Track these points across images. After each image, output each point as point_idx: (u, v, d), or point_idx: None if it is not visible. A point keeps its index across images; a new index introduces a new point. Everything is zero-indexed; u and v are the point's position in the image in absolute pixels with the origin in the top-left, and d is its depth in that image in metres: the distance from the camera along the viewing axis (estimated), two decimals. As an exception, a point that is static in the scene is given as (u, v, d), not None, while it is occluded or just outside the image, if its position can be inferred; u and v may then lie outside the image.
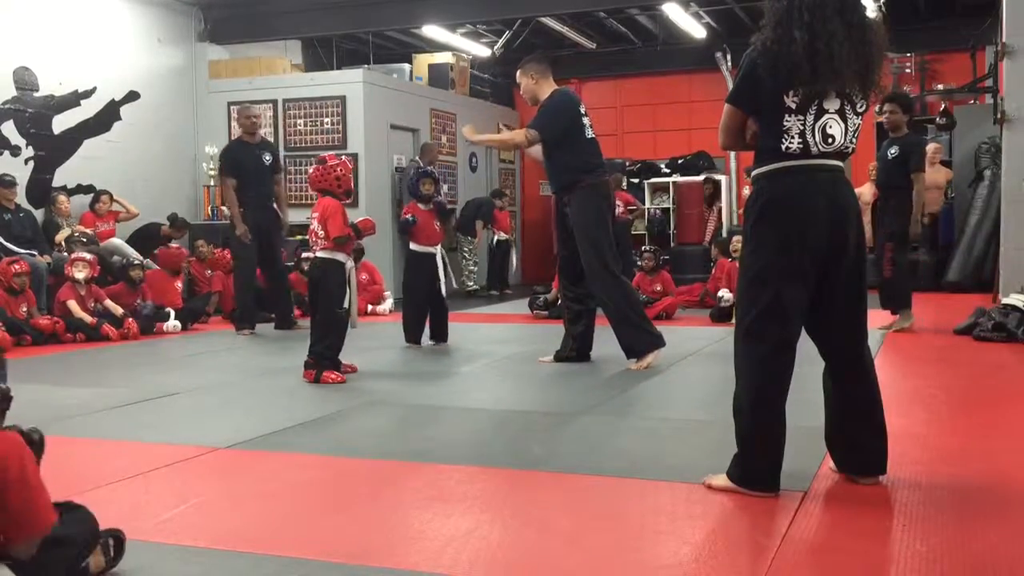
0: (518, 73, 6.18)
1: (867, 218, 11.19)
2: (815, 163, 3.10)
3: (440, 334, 7.30)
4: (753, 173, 3.24)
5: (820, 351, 3.27)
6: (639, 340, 5.90)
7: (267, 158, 8.58)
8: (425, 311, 7.25)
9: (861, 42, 3.04)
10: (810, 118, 3.06)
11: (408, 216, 7.26)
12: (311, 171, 5.99)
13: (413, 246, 7.29)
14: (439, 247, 7.28)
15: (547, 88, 6.05)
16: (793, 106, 3.05)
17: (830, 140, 3.08)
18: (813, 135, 3.06)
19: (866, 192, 10.88)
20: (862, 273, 3.22)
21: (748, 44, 3.20)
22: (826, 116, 3.07)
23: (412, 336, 7.22)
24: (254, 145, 8.58)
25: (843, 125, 3.10)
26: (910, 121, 7.61)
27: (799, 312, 3.13)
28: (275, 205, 8.64)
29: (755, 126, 3.19)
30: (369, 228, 6.00)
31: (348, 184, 5.90)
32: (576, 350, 6.22)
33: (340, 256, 5.77)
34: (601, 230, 5.94)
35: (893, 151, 7.43)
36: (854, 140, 3.15)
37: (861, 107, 3.14)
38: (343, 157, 6.16)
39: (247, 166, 8.44)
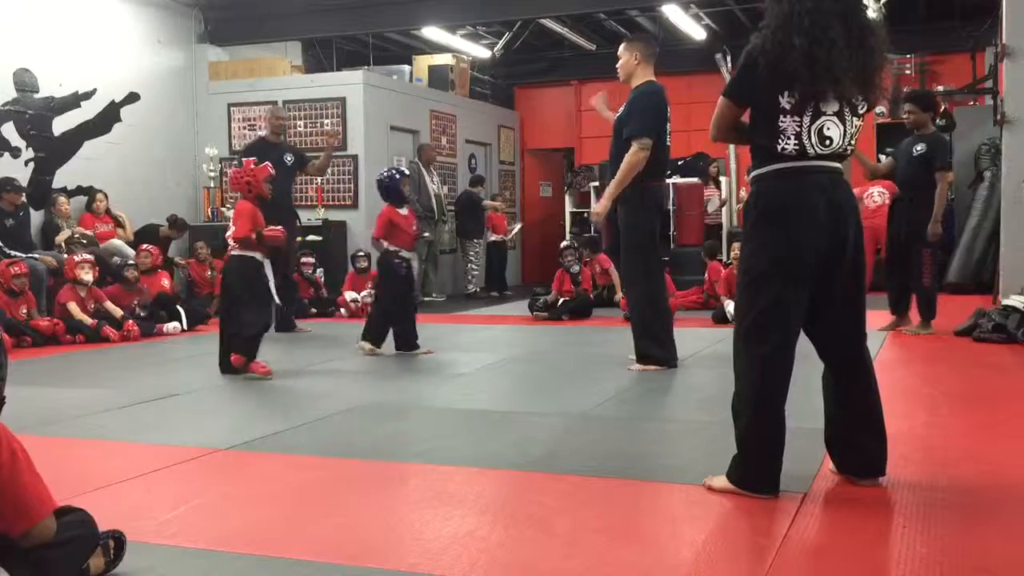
0: (623, 46, 6.00)
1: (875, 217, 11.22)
2: (812, 165, 3.09)
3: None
4: (752, 174, 3.23)
5: (819, 352, 3.27)
6: (654, 352, 5.87)
7: (288, 159, 8.59)
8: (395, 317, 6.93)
9: (861, 47, 3.03)
10: (807, 119, 3.05)
11: None
12: (231, 171, 6.25)
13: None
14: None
15: (644, 75, 5.91)
16: (788, 107, 3.04)
17: (827, 142, 3.08)
18: (809, 137, 3.06)
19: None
20: (861, 274, 3.22)
21: (748, 45, 3.19)
22: (823, 118, 3.06)
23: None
24: (277, 145, 8.62)
25: (842, 127, 3.09)
26: (935, 118, 7.51)
27: (798, 313, 3.13)
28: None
29: (746, 120, 3.19)
30: (274, 238, 6.04)
31: (259, 189, 6.10)
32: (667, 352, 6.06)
33: (257, 255, 6.01)
34: (647, 236, 5.86)
35: (919, 148, 7.29)
36: (853, 142, 3.15)
37: (862, 109, 3.13)
38: (259, 164, 6.28)
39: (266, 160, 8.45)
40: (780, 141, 3.07)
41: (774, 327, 3.10)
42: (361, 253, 10.48)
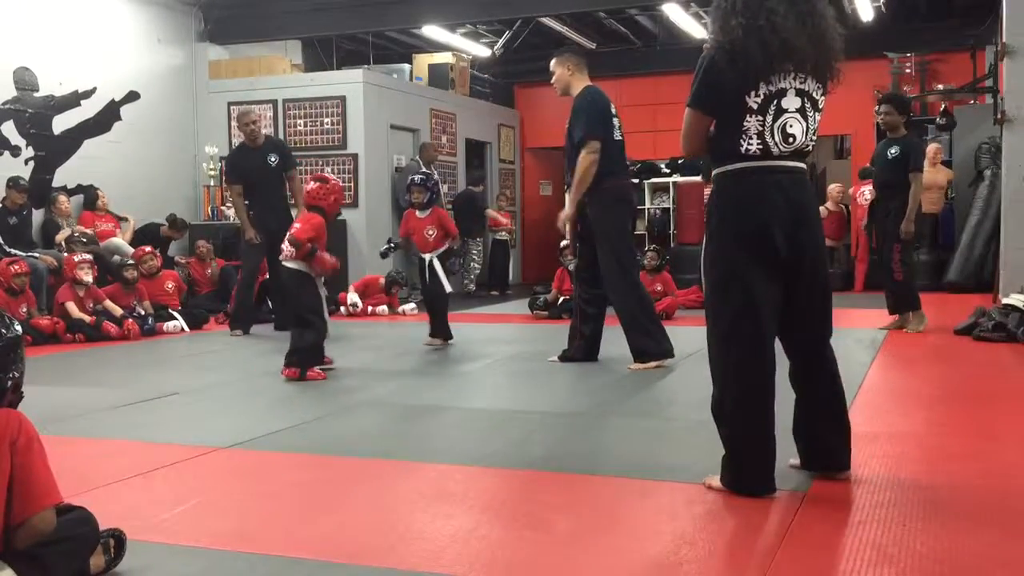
0: (554, 62, 6.12)
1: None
2: (774, 164, 3.09)
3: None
4: (713, 173, 3.22)
5: (784, 349, 3.26)
6: (648, 347, 5.89)
7: (272, 159, 8.44)
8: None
9: (810, 14, 3.04)
10: (769, 119, 3.05)
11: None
12: (311, 186, 6.05)
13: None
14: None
15: (580, 83, 6.03)
16: (754, 107, 3.03)
17: (790, 140, 3.07)
18: (772, 136, 3.05)
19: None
20: (824, 272, 3.22)
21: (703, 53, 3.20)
22: (786, 115, 3.05)
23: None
24: (257, 149, 8.49)
25: (804, 124, 3.09)
26: (908, 121, 7.60)
27: (772, 309, 3.11)
28: (291, 203, 8.56)
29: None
30: (323, 265, 5.82)
31: (339, 208, 6.24)
32: (583, 351, 6.19)
33: (304, 267, 5.81)
34: (620, 236, 5.92)
35: (893, 151, 7.43)
36: (814, 138, 3.15)
37: (821, 103, 3.13)
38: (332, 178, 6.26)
39: (250, 171, 8.40)
40: (743, 141, 3.06)
41: (749, 326, 3.08)
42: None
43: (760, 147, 3.05)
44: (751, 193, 3.09)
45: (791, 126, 3.06)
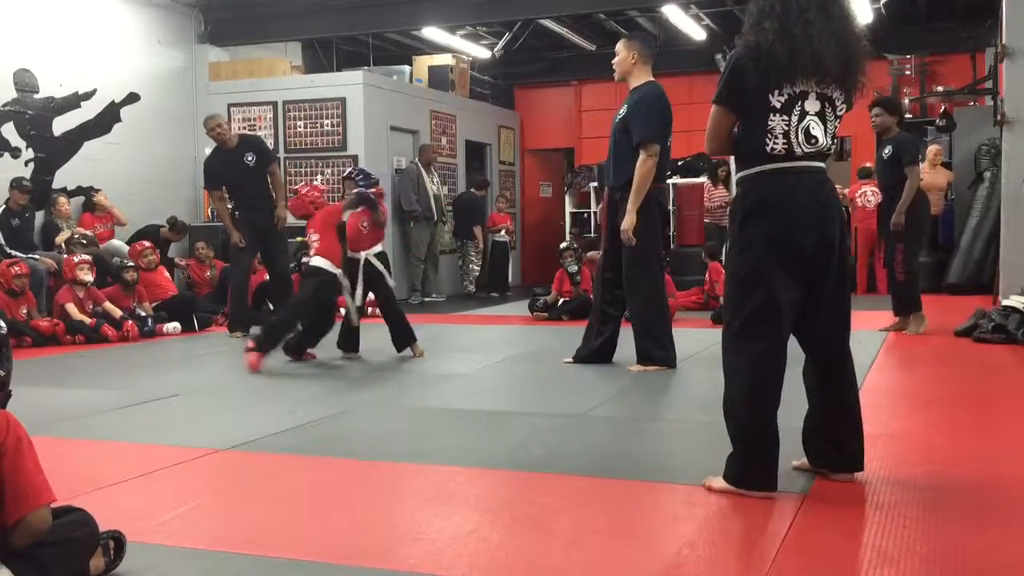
0: (621, 43, 5.97)
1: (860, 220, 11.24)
2: (799, 165, 3.12)
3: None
4: (738, 175, 3.26)
5: (803, 347, 3.28)
6: (653, 353, 5.87)
7: (249, 159, 8.36)
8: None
9: (843, 32, 3.08)
10: (794, 119, 3.08)
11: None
12: (302, 194, 6.74)
13: None
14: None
15: (642, 75, 5.89)
16: (778, 106, 3.07)
17: (813, 141, 3.11)
18: (797, 136, 3.09)
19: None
20: (846, 272, 3.26)
21: (733, 50, 3.23)
22: (808, 118, 3.10)
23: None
24: (232, 151, 8.39)
25: (823, 127, 3.13)
26: (901, 122, 7.61)
27: (790, 311, 3.14)
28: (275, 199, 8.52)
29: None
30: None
31: (323, 204, 6.76)
32: (600, 352, 6.13)
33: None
34: (650, 238, 5.83)
35: (887, 151, 7.46)
36: (834, 141, 3.20)
37: (841, 109, 3.18)
38: (314, 183, 6.69)
39: (228, 174, 8.38)
40: (769, 141, 3.09)
41: (767, 325, 3.11)
42: None
43: (785, 146, 3.09)
44: (776, 194, 3.12)
45: (813, 128, 3.11)
